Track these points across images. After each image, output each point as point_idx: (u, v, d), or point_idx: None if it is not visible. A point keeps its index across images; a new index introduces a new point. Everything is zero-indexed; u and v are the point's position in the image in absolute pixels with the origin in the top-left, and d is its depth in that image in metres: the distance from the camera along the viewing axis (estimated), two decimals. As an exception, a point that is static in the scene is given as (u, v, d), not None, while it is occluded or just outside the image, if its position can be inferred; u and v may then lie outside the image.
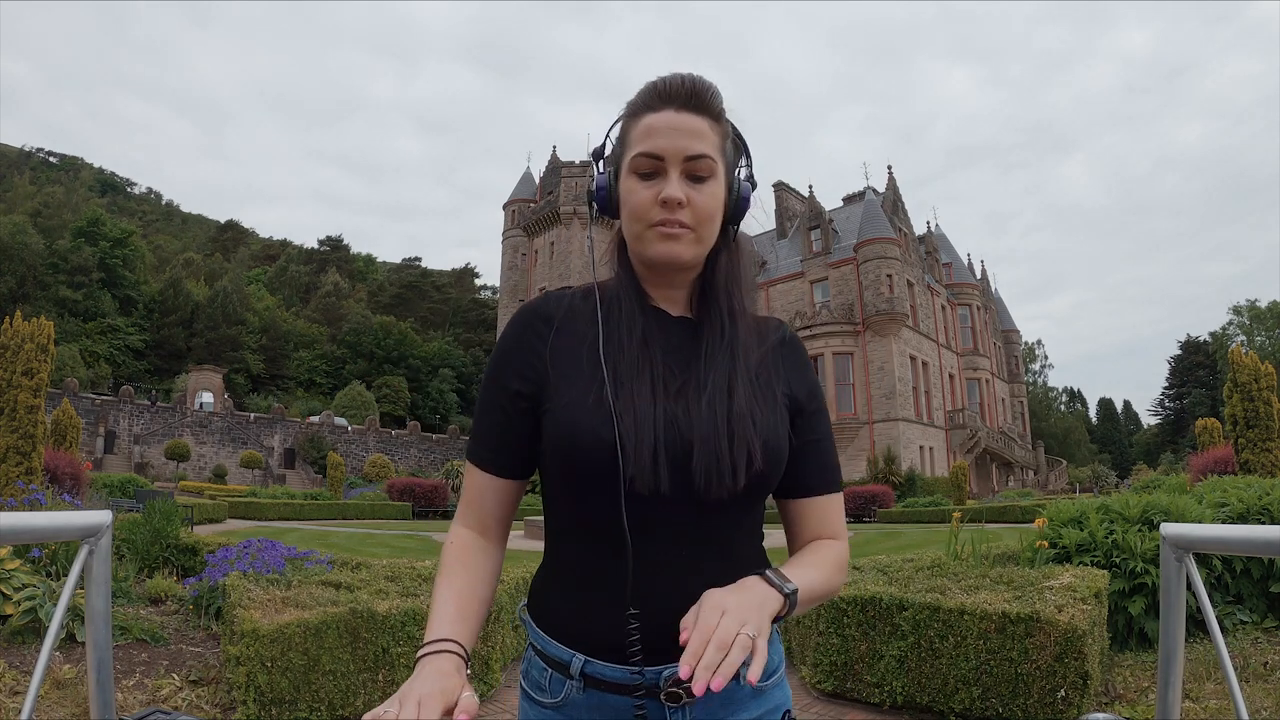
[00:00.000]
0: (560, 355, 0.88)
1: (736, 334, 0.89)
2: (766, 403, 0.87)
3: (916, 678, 3.40)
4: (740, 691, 0.85)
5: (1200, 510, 4.55)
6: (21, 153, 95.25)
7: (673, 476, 0.81)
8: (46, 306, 51.10)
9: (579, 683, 0.84)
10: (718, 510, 0.83)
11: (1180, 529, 1.05)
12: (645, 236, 0.87)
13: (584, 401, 0.83)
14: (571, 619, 0.86)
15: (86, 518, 1.03)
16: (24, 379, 7.27)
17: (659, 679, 0.81)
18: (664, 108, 0.87)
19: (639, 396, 0.83)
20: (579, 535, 0.87)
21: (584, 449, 0.81)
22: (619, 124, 0.91)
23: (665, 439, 0.82)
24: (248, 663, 3.02)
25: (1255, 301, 62.79)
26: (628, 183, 0.88)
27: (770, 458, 0.84)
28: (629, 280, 0.91)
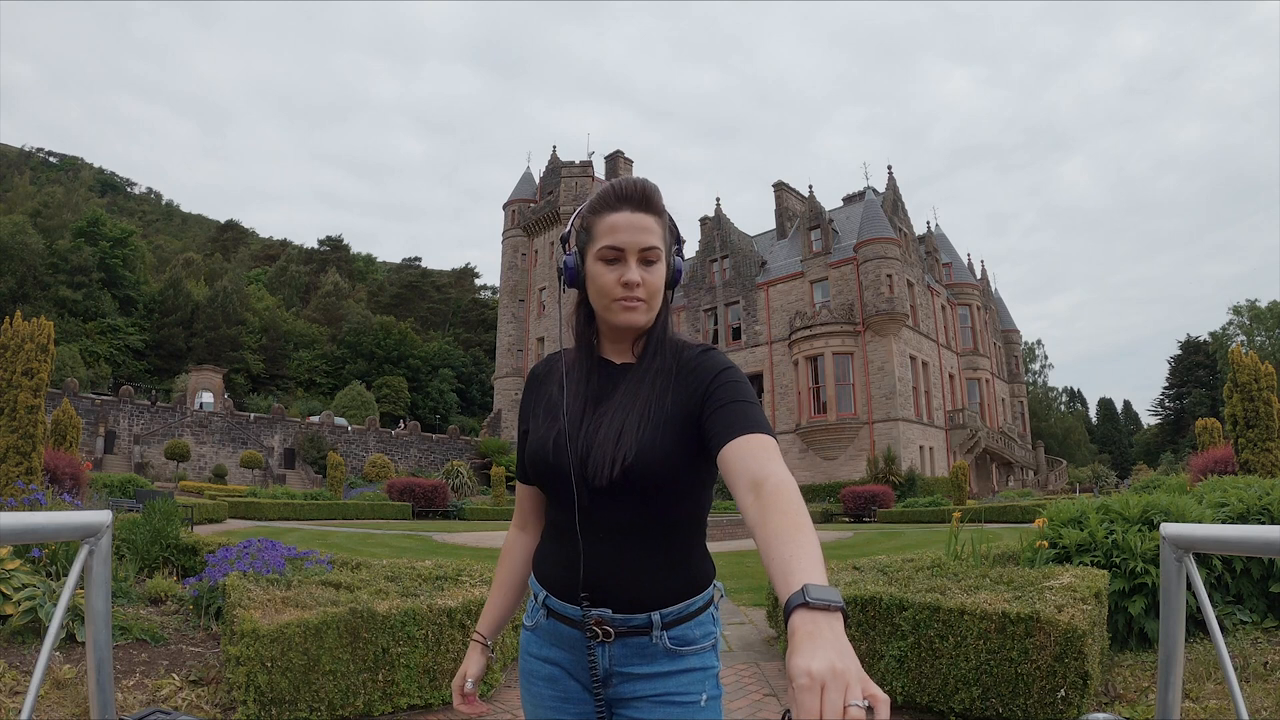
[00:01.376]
0: (538, 401, 1.25)
1: (650, 371, 1.17)
2: (652, 419, 1.12)
3: (916, 678, 3.40)
4: (652, 647, 1.13)
5: (1200, 510, 4.55)
6: (21, 153, 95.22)
7: (578, 471, 1.12)
8: (46, 306, 51.09)
9: (543, 610, 1.20)
10: (611, 497, 1.11)
11: (1180, 529, 1.05)
12: (611, 309, 1.16)
13: (539, 431, 1.21)
14: (543, 568, 1.23)
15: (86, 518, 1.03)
16: (24, 379, 7.26)
17: (582, 616, 1.13)
18: (622, 208, 1.15)
19: (561, 422, 1.16)
20: (549, 514, 1.24)
21: (535, 461, 1.19)
22: (581, 218, 1.19)
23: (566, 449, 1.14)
24: (248, 663, 3.02)
25: (1255, 301, 62.74)
26: (596, 267, 1.15)
27: (642, 457, 1.09)
28: (584, 340, 1.22)
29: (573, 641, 1.16)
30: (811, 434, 36.66)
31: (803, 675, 0.63)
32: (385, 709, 3.36)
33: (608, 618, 1.12)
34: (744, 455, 0.99)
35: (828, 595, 0.73)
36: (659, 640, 1.12)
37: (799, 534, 0.84)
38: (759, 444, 1.00)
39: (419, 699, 3.46)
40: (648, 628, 1.12)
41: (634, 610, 1.12)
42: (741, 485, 0.96)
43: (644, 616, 1.12)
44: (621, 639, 1.12)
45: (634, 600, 1.12)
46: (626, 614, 1.12)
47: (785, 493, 0.91)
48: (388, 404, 63.51)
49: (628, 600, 1.12)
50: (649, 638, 1.12)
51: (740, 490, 0.95)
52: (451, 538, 14.34)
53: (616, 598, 1.12)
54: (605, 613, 1.12)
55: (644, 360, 1.18)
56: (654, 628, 1.12)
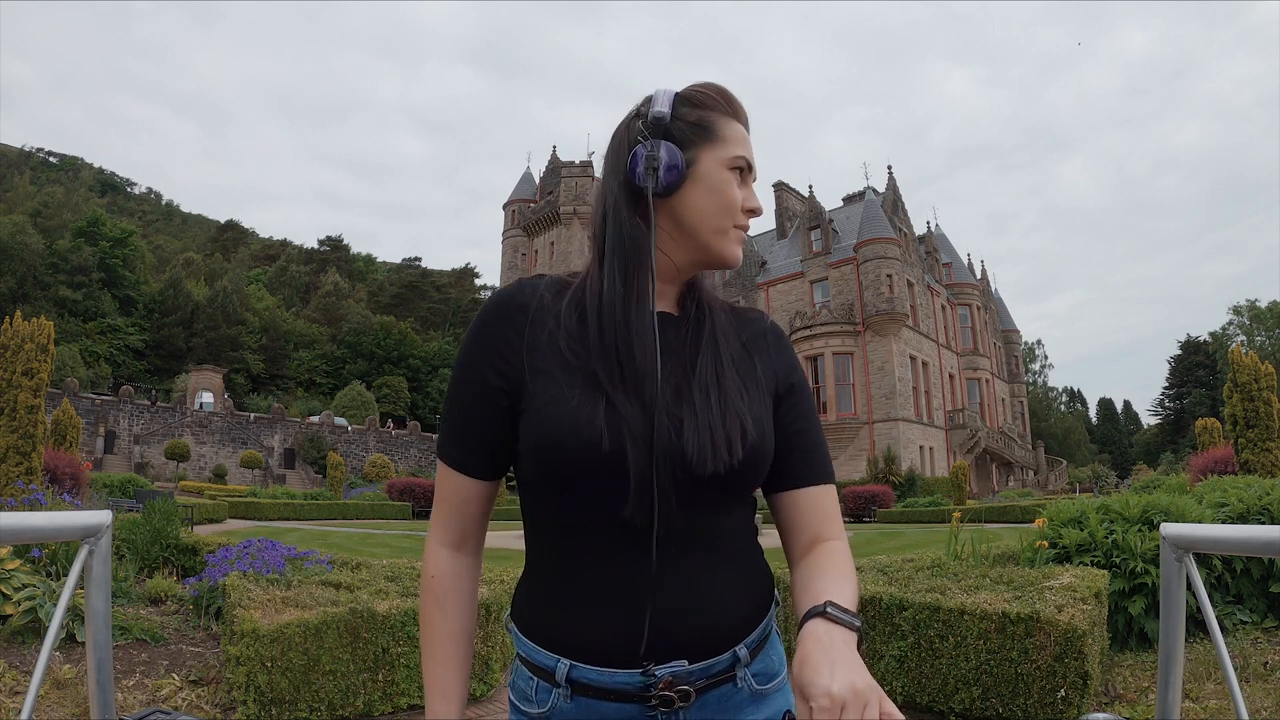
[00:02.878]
0: (532, 352, 0.84)
1: (718, 327, 0.90)
2: (750, 385, 0.88)
3: (916, 678, 3.40)
4: (737, 695, 0.83)
5: (1200, 510, 4.55)
6: (21, 153, 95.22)
7: (669, 461, 0.79)
8: (46, 306, 51.06)
9: (565, 689, 0.81)
10: (712, 495, 0.82)
11: (1180, 529, 1.05)
12: (729, 234, 0.88)
13: (564, 400, 0.80)
14: (560, 622, 0.83)
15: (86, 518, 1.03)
16: (24, 379, 7.26)
17: (650, 683, 0.79)
18: (741, 124, 0.90)
19: (637, 395, 0.81)
20: (569, 536, 0.83)
21: (573, 451, 0.79)
22: (684, 105, 0.88)
23: (659, 429, 0.80)
24: (248, 663, 3.02)
25: (1255, 301, 62.72)
26: (723, 175, 0.87)
27: (762, 433, 0.84)
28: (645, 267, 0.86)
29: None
30: (811, 434, 36.62)
31: (823, 696, 0.61)
32: (385, 709, 3.36)
33: (684, 673, 0.79)
34: (818, 511, 0.89)
35: (849, 616, 0.71)
36: (744, 682, 0.84)
37: (845, 578, 0.82)
38: (833, 500, 0.91)
39: (419, 699, 3.45)
40: (732, 670, 0.83)
41: (720, 649, 0.82)
42: (804, 537, 0.89)
43: (728, 656, 0.82)
44: (701, 697, 0.81)
45: (721, 635, 0.82)
46: (707, 659, 0.81)
47: (844, 554, 0.87)
48: (388, 404, 63.49)
49: (713, 637, 0.82)
50: (734, 683, 0.83)
51: (799, 539, 0.89)
52: (451, 538, 14.32)
53: (697, 638, 0.81)
54: (680, 666, 0.79)
55: (703, 312, 0.91)
56: (740, 665, 0.83)
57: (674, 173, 0.85)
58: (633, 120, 0.90)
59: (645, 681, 0.79)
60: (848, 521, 24.65)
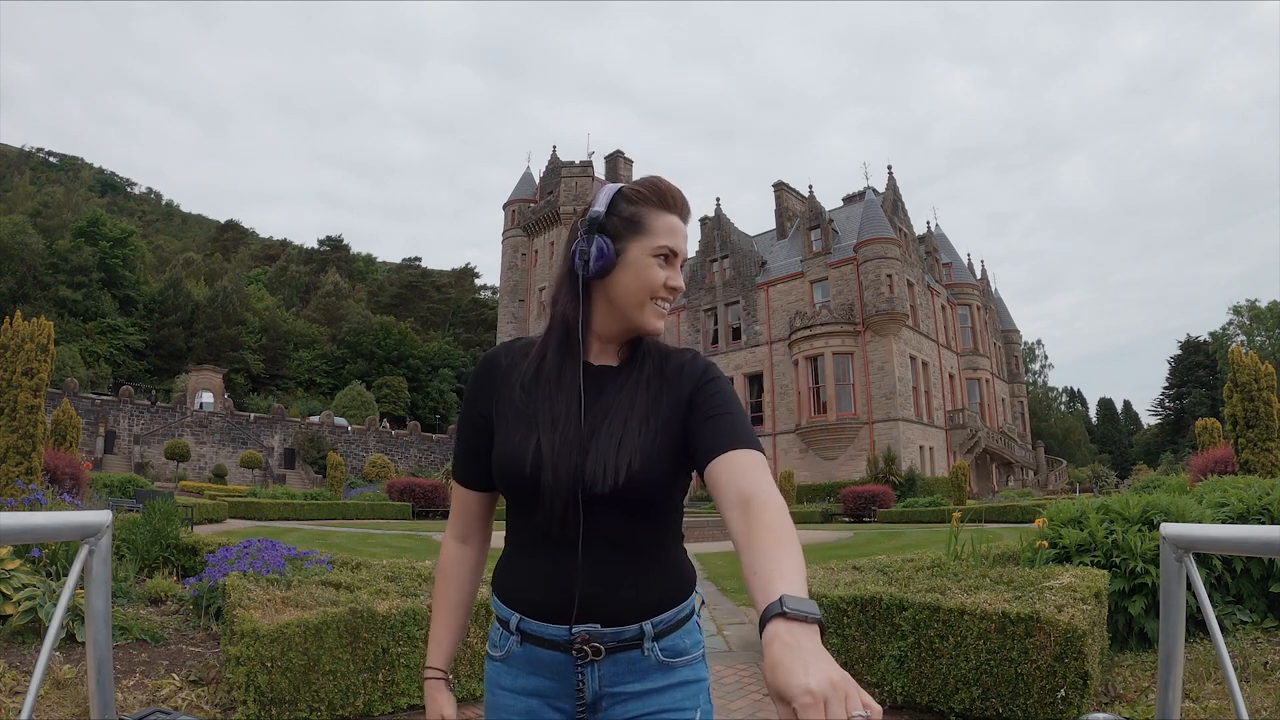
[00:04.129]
0: (500, 400, 1.13)
1: (641, 377, 1.12)
2: (651, 421, 1.07)
3: (916, 678, 3.40)
4: (644, 661, 1.07)
5: (1200, 510, 4.55)
6: (21, 153, 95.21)
7: (572, 482, 1.04)
8: (46, 306, 51.06)
9: (516, 636, 1.10)
10: (611, 507, 1.05)
11: (1180, 529, 1.05)
12: (647, 308, 1.11)
13: (513, 437, 1.09)
14: (515, 588, 1.12)
15: (86, 518, 1.03)
16: (24, 379, 7.26)
17: (569, 636, 1.05)
18: (676, 214, 1.12)
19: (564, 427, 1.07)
20: (521, 530, 1.12)
21: (502, 469, 1.09)
22: (621, 202, 1.12)
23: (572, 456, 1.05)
24: (248, 663, 3.02)
25: (1255, 301, 62.69)
26: (646, 261, 1.10)
27: (645, 466, 1.04)
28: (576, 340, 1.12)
29: (555, 666, 1.08)
30: (811, 434, 36.65)
31: (804, 694, 0.62)
32: (385, 709, 3.36)
33: (597, 633, 1.05)
34: (734, 471, 0.96)
35: (805, 607, 0.72)
36: (651, 653, 1.07)
37: (783, 550, 0.83)
38: (749, 460, 0.98)
39: (419, 699, 3.45)
40: (639, 639, 1.07)
41: (625, 621, 1.06)
42: (729, 502, 0.93)
43: (635, 627, 1.07)
44: (611, 656, 1.06)
45: (625, 611, 1.07)
46: (618, 627, 1.06)
47: (773, 511, 0.89)
48: (388, 404, 63.50)
49: (619, 612, 1.06)
50: (640, 650, 1.07)
51: (727, 506, 0.93)
52: (451, 538, 14.33)
53: (606, 610, 1.06)
54: (594, 628, 1.05)
55: (635, 365, 1.14)
56: (645, 638, 1.07)
57: (603, 261, 1.09)
58: (580, 217, 1.15)
59: (568, 635, 1.05)
60: (847, 521, 24.65)
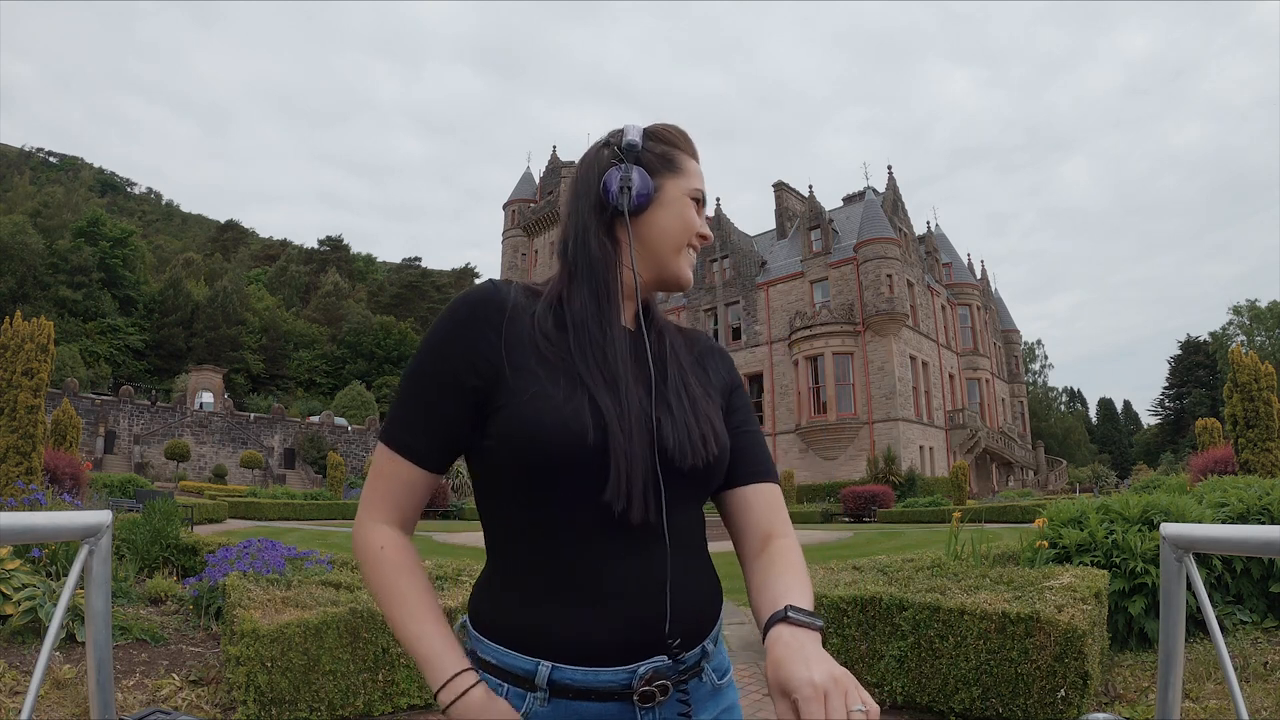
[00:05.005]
0: (513, 349, 0.85)
1: (675, 343, 0.98)
2: (710, 393, 0.96)
3: (916, 678, 3.39)
4: (702, 688, 0.86)
5: (1200, 510, 4.54)
6: (21, 153, 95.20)
7: (649, 452, 0.83)
8: (46, 306, 51.06)
9: (544, 693, 0.80)
10: (689, 490, 0.87)
11: (1180, 529, 1.05)
12: (683, 255, 0.97)
13: (547, 394, 0.82)
14: (541, 623, 0.81)
15: (86, 518, 1.03)
16: (24, 379, 7.26)
17: (634, 679, 0.80)
18: (697, 162, 1.00)
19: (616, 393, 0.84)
20: (552, 536, 0.83)
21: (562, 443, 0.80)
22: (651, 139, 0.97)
23: (645, 430, 0.84)
24: (248, 663, 3.02)
25: (1255, 301, 62.67)
26: (684, 201, 0.96)
27: (723, 435, 0.92)
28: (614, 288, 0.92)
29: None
30: (811, 434, 36.65)
31: (806, 686, 0.64)
32: (385, 709, 3.36)
33: (664, 669, 0.81)
34: (764, 507, 0.94)
35: (809, 616, 0.74)
36: (707, 678, 0.88)
37: (798, 578, 0.84)
38: (779, 498, 0.97)
39: (419, 699, 3.45)
40: (700, 664, 0.87)
41: (692, 645, 0.85)
42: (752, 535, 0.93)
43: (698, 650, 0.86)
44: (676, 690, 0.83)
45: (695, 633, 0.85)
46: (687, 652, 0.84)
47: (796, 553, 0.90)
48: (388, 404, 63.17)
49: (689, 635, 0.84)
50: (700, 678, 0.87)
51: (748, 538, 0.94)
52: (451, 538, 14.34)
53: (687, 632, 0.84)
54: (661, 662, 0.81)
55: (659, 329, 0.98)
56: (707, 660, 0.88)
57: (644, 196, 0.93)
58: (602, 149, 0.96)
59: (630, 678, 0.80)
60: (847, 521, 24.65)
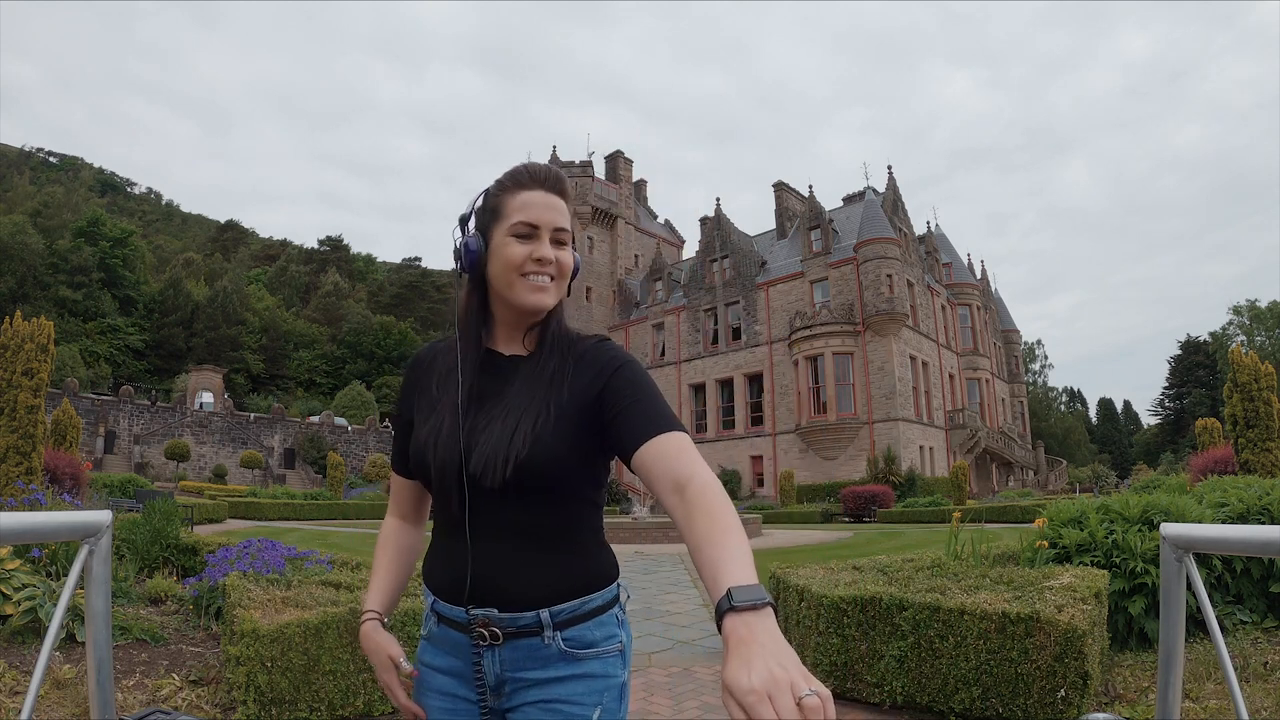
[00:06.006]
0: (419, 394, 1.19)
1: (546, 365, 1.12)
2: (549, 416, 1.07)
3: (916, 678, 3.39)
4: (545, 649, 1.07)
5: (1200, 510, 4.54)
6: (21, 153, 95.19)
7: (459, 471, 1.07)
8: (46, 306, 51.05)
9: (434, 616, 1.16)
10: (502, 497, 1.06)
11: (1180, 529, 1.05)
12: (517, 286, 1.11)
13: (421, 428, 1.15)
14: (430, 570, 1.19)
15: (86, 518, 1.03)
16: (24, 379, 7.26)
17: (468, 618, 1.08)
18: (536, 188, 1.12)
19: (447, 419, 1.11)
20: (435, 515, 1.18)
21: (418, 459, 1.13)
22: (486, 197, 1.14)
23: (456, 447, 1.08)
24: (248, 663, 3.02)
25: (1255, 301, 62.69)
26: (504, 241, 1.11)
27: (535, 455, 1.04)
28: (473, 330, 1.16)
29: (463, 648, 1.11)
30: (811, 434, 36.65)
31: (748, 694, 0.62)
32: (385, 709, 3.36)
33: (494, 618, 1.07)
34: (663, 457, 0.96)
35: (752, 595, 0.73)
36: (552, 642, 1.07)
37: (725, 536, 0.83)
38: (676, 444, 0.97)
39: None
40: (538, 628, 1.07)
41: (522, 608, 1.06)
42: (664, 488, 0.94)
43: (533, 615, 1.06)
44: (511, 641, 1.07)
45: (521, 598, 1.07)
46: (514, 613, 1.06)
47: (710, 494, 0.89)
48: (388, 404, 63.40)
49: (515, 598, 1.07)
50: (540, 639, 1.07)
51: (664, 493, 0.94)
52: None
53: (503, 596, 1.07)
54: (491, 612, 1.07)
55: (540, 353, 1.14)
56: (545, 628, 1.07)
57: (473, 255, 1.13)
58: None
59: (466, 617, 1.09)
60: (847, 521, 24.63)
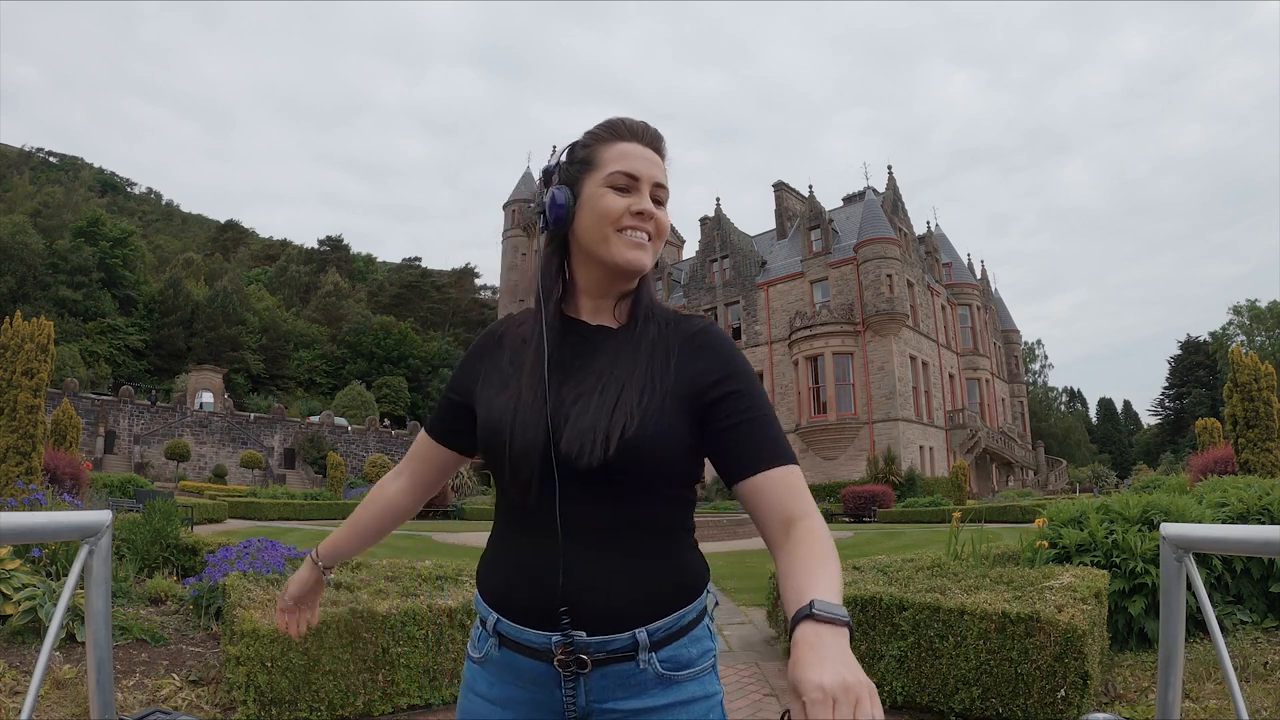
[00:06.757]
0: (487, 362, 1.07)
1: (646, 337, 1.01)
2: (657, 391, 0.96)
3: (916, 678, 3.40)
4: (640, 674, 0.94)
5: (1200, 510, 4.54)
6: (21, 153, 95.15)
7: (546, 452, 0.93)
8: (46, 306, 51.05)
9: (494, 639, 0.98)
10: (598, 487, 0.93)
11: (1180, 529, 1.05)
12: (613, 241, 1.00)
13: (492, 400, 1.01)
14: (492, 583, 1.01)
15: (86, 518, 1.03)
16: (24, 379, 7.26)
17: (550, 644, 0.93)
18: (634, 140, 1.03)
19: (527, 390, 0.97)
20: (502, 514, 1.03)
21: (486, 436, 1.00)
22: (572, 150, 1.05)
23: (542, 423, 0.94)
24: (248, 663, 3.02)
25: (1255, 301, 62.62)
26: (600, 192, 1.00)
27: (645, 430, 0.92)
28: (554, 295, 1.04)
29: (536, 677, 0.95)
30: (811, 434, 36.65)
31: (815, 690, 0.63)
32: (385, 709, 3.36)
33: (581, 643, 0.92)
34: (776, 493, 0.91)
35: (834, 610, 0.73)
36: (647, 665, 0.94)
37: (823, 563, 0.83)
38: (792, 480, 0.93)
39: (419, 699, 3.46)
40: (633, 651, 0.93)
41: (614, 629, 0.93)
42: (771, 522, 0.91)
43: (628, 636, 0.93)
44: (600, 668, 0.93)
45: (614, 617, 0.93)
46: (605, 635, 0.92)
47: (818, 533, 0.88)
48: (388, 404, 63.50)
49: (606, 618, 0.93)
50: (634, 663, 0.94)
51: (768, 526, 0.91)
52: (451, 538, 14.34)
53: (591, 616, 0.92)
54: (579, 637, 0.92)
55: (637, 324, 1.03)
56: (640, 649, 0.93)
57: (560, 209, 1.01)
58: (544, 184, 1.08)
59: (549, 643, 0.93)
60: (847, 521, 24.64)
